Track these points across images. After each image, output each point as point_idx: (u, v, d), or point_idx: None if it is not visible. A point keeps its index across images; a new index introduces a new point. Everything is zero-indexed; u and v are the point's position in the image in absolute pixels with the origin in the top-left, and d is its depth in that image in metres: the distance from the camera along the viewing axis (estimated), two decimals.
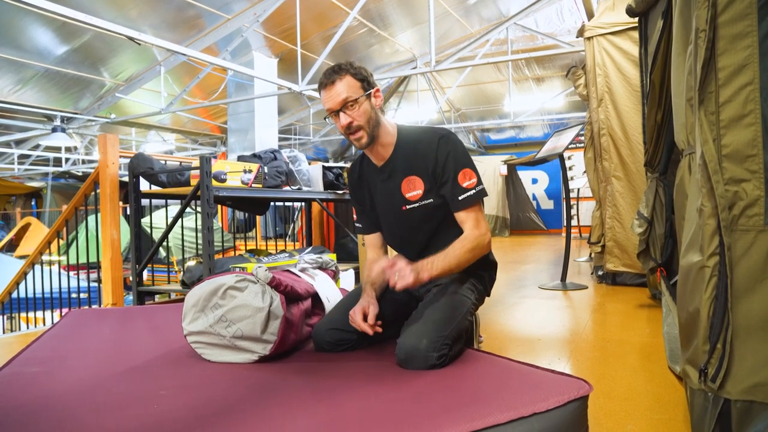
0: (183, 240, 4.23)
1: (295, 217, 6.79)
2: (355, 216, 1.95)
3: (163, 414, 1.19)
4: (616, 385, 1.79)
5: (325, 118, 1.70)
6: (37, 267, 4.13)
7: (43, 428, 1.14)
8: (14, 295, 4.27)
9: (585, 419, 1.15)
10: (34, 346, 1.84)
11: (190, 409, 1.22)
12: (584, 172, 4.92)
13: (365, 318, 1.59)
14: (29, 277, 4.14)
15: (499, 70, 10.59)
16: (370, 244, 1.91)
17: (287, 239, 6.32)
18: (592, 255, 4.41)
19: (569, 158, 10.12)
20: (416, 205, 1.71)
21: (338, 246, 4.44)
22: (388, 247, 1.96)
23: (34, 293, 4.24)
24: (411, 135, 1.74)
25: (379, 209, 1.82)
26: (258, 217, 5.98)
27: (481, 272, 1.80)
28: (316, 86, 7.01)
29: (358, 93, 1.62)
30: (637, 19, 2.84)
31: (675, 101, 1.67)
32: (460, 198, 1.65)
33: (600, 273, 4.06)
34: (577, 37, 4.12)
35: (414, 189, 1.70)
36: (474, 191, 1.65)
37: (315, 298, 1.84)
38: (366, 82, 1.65)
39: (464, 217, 1.67)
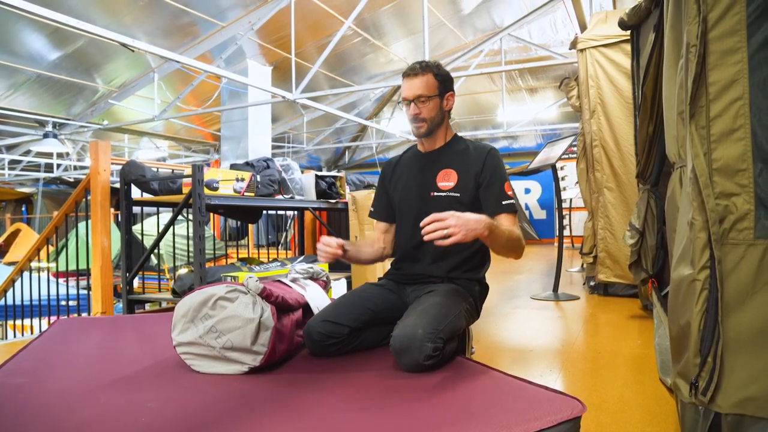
0: (174, 247, 4.20)
1: (288, 225, 6.78)
2: (372, 203, 2.06)
3: (151, 426, 1.18)
4: (608, 397, 1.78)
5: (398, 103, 1.85)
6: (26, 274, 4.09)
7: None
8: (1, 302, 4.22)
9: None
10: (19, 355, 1.81)
11: (179, 421, 1.21)
12: (577, 182, 4.94)
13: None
14: (18, 283, 4.10)
15: (492, 81, 10.65)
16: (379, 228, 2.02)
17: (279, 247, 6.30)
18: (584, 265, 4.42)
19: (562, 168, 10.16)
20: (444, 194, 1.82)
21: None
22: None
23: (22, 300, 4.19)
24: (465, 141, 1.92)
25: (404, 193, 1.92)
26: (250, 225, 5.96)
27: (473, 288, 1.81)
28: (310, 95, 6.95)
29: (433, 92, 1.79)
30: (629, 32, 2.87)
31: (666, 114, 1.68)
32: (504, 203, 1.78)
33: (592, 283, 4.07)
34: (570, 49, 4.16)
35: (448, 180, 1.84)
36: (513, 202, 1.80)
37: (306, 308, 1.82)
38: (443, 85, 1.81)
39: (504, 221, 1.76)
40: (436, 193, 1.84)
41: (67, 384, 1.51)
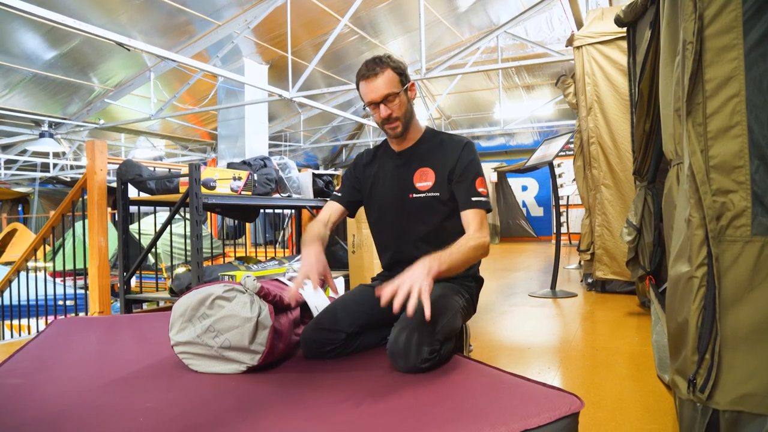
0: (172, 246, 4.19)
1: (285, 223, 6.77)
2: (338, 187, 1.98)
3: (150, 427, 1.17)
4: (606, 395, 1.79)
5: (364, 108, 1.78)
6: (23, 274, 4.08)
7: None
8: (4, 302, 4.21)
9: None
10: (17, 356, 1.80)
11: (177, 421, 1.20)
12: (574, 179, 4.95)
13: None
14: (14, 283, 4.08)
15: (489, 78, 10.66)
16: (331, 210, 1.92)
17: (277, 246, 6.29)
18: (582, 262, 4.43)
19: (559, 166, 10.18)
20: (422, 195, 1.78)
21: (328, 253, 4.38)
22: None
23: (19, 300, 4.18)
24: (437, 134, 1.86)
25: (382, 195, 1.87)
26: (248, 224, 5.95)
27: (468, 284, 1.81)
28: (306, 93, 6.92)
29: (398, 88, 1.71)
30: (625, 28, 2.87)
31: (663, 111, 1.68)
32: (473, 199, 1.71)
33: (589, 281, 4.07)
34: (566, 46, 4.16)
35: (425, 180, 1.78)
36: (485, 199, 1.73)
37: (304, 307, 1.82)
38: (404, 77, 1.74)
39: (471, 218, 1.70)
40: (415, 195, 1.79)
41: (65, 384, 1.50)
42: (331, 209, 1.93)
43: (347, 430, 1.11)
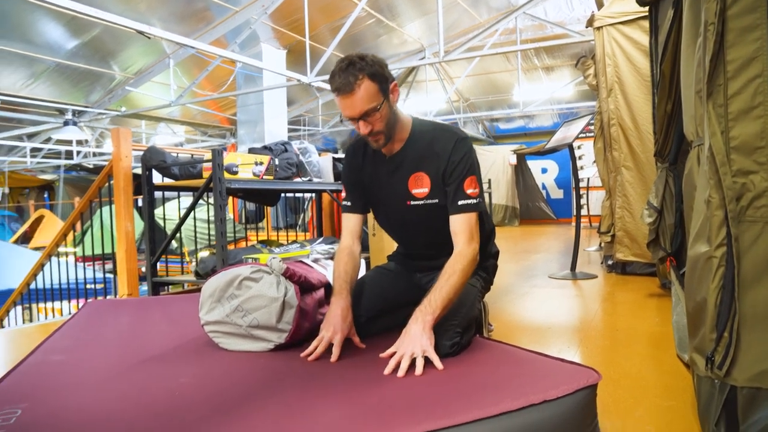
0: (195, 231, 4.28)
1: (306, 206, 6.84)
2: (343, 194, 1.86)
3: (186, 399, 1.24)
4: (625, 373, 1.81)
5: (341, 120, 1.66)
6: (53, 259, 4.21)
7: (71, 415, 1.18)
8: (32, 286, 4.35)
9: (594, 407, 1.18)
10: (56, 335, 1.89)
11: (210, 395, 1.27)
12: (594, 161, 4.92)
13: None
14: (45, 268, 4.22)
15: (508, 60, 10.54)
16: (350, 227, 1.81)
17: (297, 229, 6.37)
18: (602, 245, 4.42)
19: (579, 148, 10.07)
20: (421, 202, 1.69)
21: None
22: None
23: (51, 284, 4.32)
24: (426, 131, 1.70)
25: (380, 200, 1.79)
26: (268, 208, 6.03)
27: (484, 263, 1.84)
28: (325, 78, 6.97)
29: (378, 100, 1.54)
30: (647, 8, 2.83)
31: (684, 92, 1.68)
32: (459, 203, 1.61)
33: (610, 262, 4.07)
34: (586, 27, 4.11)
35: (421, 186, 1.68)
36: (474, 201, 1.62)
37: (327, 288, 1.87)
38: (383, 82, 1.56)
39: (459, 227, 1.60)
40: (413, 202, 1.70)
41: (103, 361, 1.58)
42: (350, 222, 1.81)
43: (374, 402, 1.16)
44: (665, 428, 1.37)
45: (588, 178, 8.49)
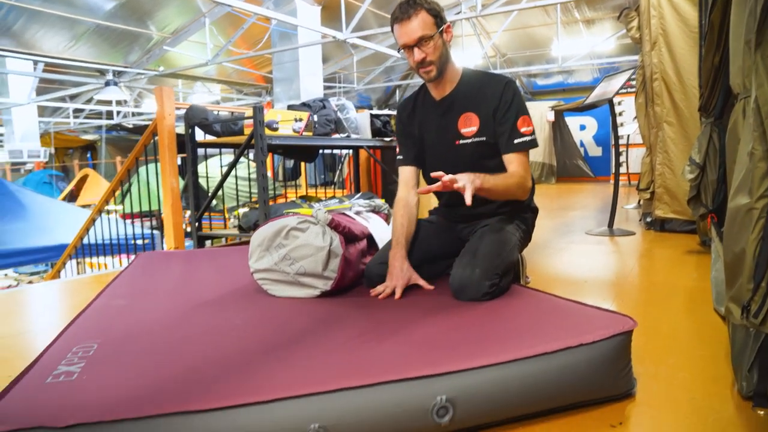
0: (237, 189, 4.41)
1: (342, 162, 6.91)
2: (398, 149, 1.96)
3: (241, 339, 1.34)
4: (660, 324, 1.85)
5: (398, 50, 1.75)
6: (101, 215, 4.42)
7: (141, 348, 1.29)
8: (85, 241, 4.58)
9: (629, 353, 1.23)
10: (114, 284, 2.02)
11: (261, 336, 1.36)
12: (634, 117, 4.80)
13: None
14: (94, 224, 4.44)
15: (546, 13, 10.19)
16: (404, 179, 1.90)
17: (335, 186, 6.47)
18: (641, 202, 4.37)
19: (619, 104, 9.78)
20: (469, 141, 1.78)
21: (386, 192, 4.56)
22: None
23: (97, 240, 4.54)
24: (476, 75, 1.81)
25: (429, 143, 1.87)
26: (304, 166, 6.12)
27: (524, 215, 1.88)
28: (360, 34, 6.88)
29: (433, 30, 1.67)
30: None
31: (733, 44, 1.65)
32: (515, 141, 1.72)
33: (648, 219, 4.03)
34: None
35: (470, 125, 1.78)
36: (529, 138, 1.73)
37: (369, 239, 1.94)
38: (439, 18, 1.68)
39: (513, 159, 1.72)
40: (461, 141, 1.79)
41: (162, 306, 1.70)
42: (404, 174, 1.91)
43: (416, 344, 1.23)
44: (698, 375, 1.41)
45: (628, 135, 8.28)
